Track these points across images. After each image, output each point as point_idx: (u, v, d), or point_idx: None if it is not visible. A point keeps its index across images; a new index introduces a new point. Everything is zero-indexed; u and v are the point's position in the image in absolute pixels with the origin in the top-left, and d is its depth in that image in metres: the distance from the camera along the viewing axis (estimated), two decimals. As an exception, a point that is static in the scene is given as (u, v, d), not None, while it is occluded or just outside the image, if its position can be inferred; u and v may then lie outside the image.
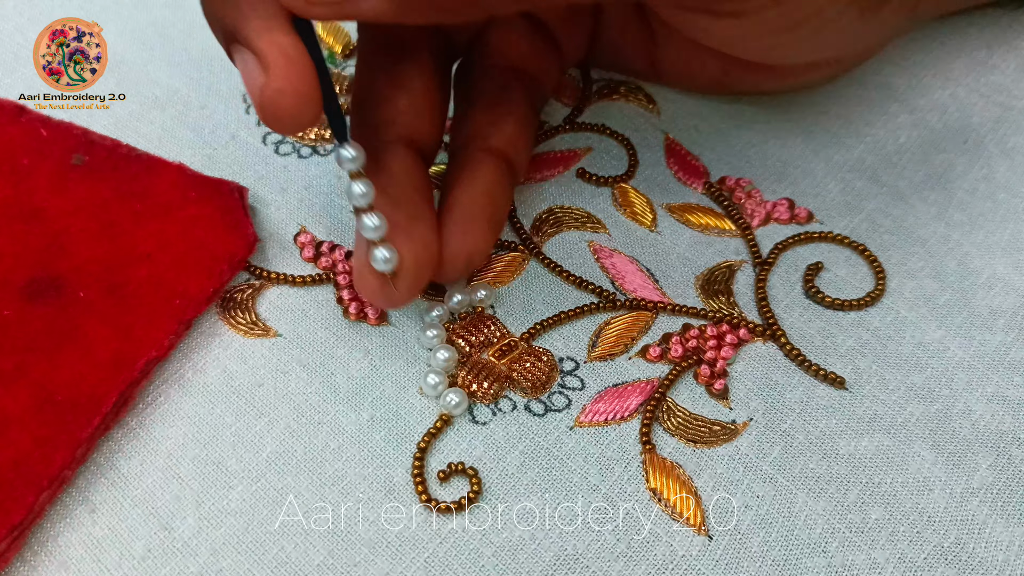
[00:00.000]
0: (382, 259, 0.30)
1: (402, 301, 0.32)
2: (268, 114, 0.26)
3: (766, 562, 0.29)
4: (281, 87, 0.26)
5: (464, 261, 0.33)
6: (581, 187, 0.39)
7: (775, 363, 0.34)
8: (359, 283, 0.32)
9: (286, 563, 0.29)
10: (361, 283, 0.32)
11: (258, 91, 0.26)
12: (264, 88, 0.26)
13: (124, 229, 0.35)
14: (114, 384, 0.31)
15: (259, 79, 0.26)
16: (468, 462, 0.31)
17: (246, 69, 0.27)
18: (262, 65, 0.26)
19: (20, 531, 0.29)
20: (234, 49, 0.28)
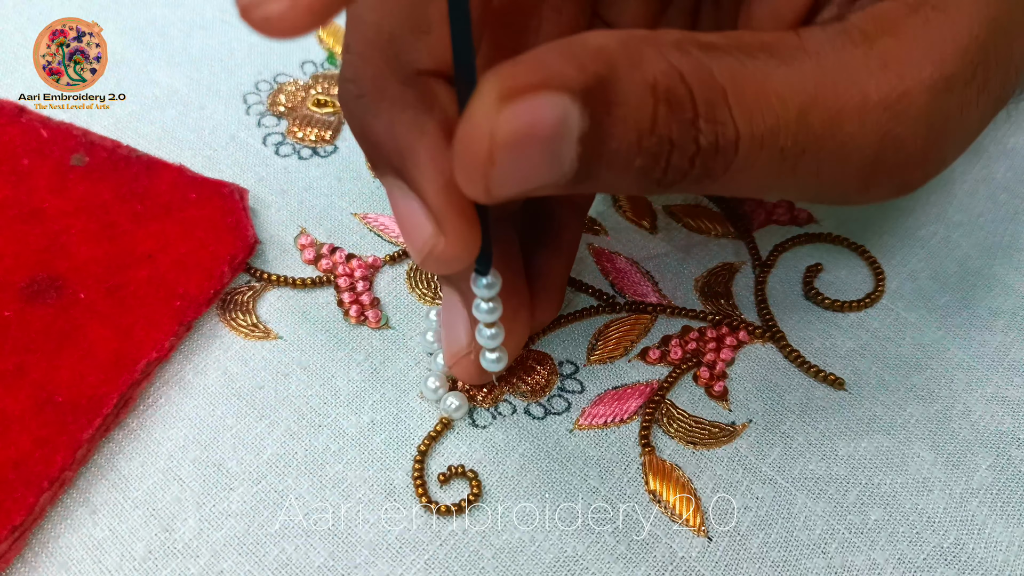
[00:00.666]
0: (494, 359, 0.31)
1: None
2: (428, 263, 0.26)
3: (766, 563, 0.29)
4: (457, 253, 0.25)
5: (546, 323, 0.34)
6: (581, 188, 0.39)
7: (774, 365, 0.34)
8: (459, 371, 0.32)
9: (287, 565, 0.29)
10: (461, 372, 0.32)
11: (424, 243, 0.25)
12: (436, 247, 0.25)
13: (124, 230, 0.35)
14: (115, 385, 0.31)
15: (427, 232, 0.25)
16: (468, 465, 0.31)
17: (408, 210, 0.25)
18: (436, 223, 0.25)
19: (21, 532, 0.29)
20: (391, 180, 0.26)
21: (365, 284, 0.35)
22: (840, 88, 0.25)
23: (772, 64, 0.25)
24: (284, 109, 0.41)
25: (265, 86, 0.42)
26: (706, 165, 0.25)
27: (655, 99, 0.23)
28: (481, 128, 0.21)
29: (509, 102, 0.21)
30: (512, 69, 0.21)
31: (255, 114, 0.41)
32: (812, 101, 0.25)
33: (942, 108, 0.27)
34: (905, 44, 0.26)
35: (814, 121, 0.25)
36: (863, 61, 0.26)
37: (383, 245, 0.37)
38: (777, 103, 0.25)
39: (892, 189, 0.29)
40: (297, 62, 0.43)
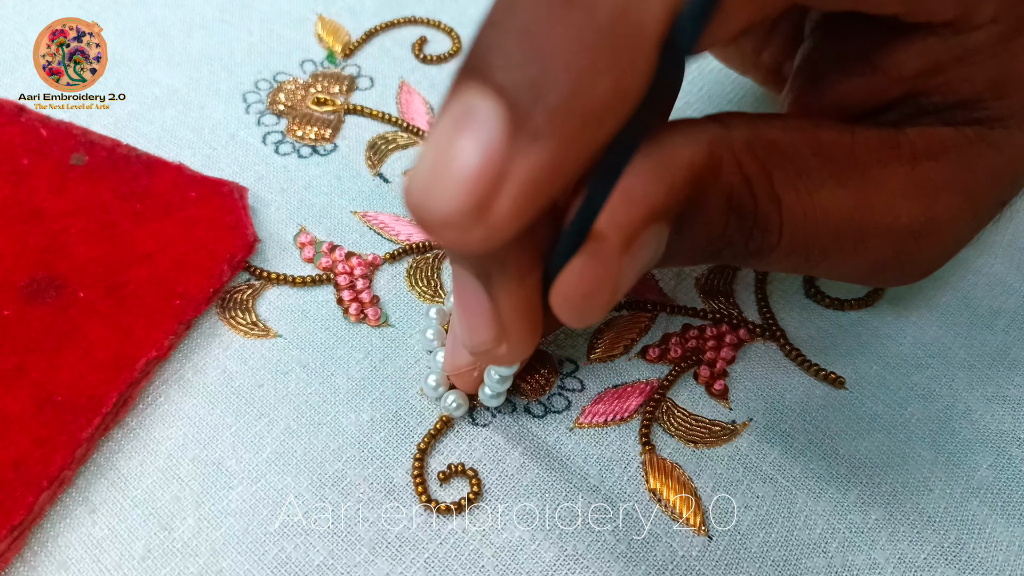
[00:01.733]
0: (491, 395, 0.31)
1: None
2: (480, 357, 0.26)
3: (766, 562, 0.29)
4: (514, 360, 0.26)
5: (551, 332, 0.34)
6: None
7: (775, 363, 0.34)
8: (458, 381, 0.32)
9: (286, 563, 0.29)
10: (461, 383, 0.32)
11: (483, 343, 0.25)
12: (494, 351, 0.26)
13: (124, 229, 0.35)
14: (114, 384, 0.31)
15: (488, 334, 0.25)
16: (468, 463, 0.31)
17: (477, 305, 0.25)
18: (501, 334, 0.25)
19: (20, 531, 0.29)
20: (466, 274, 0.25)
21: (365, 282, 0.35)
22: (876, 207, 0.26)
23: (824, 176, 0.26)
24: (284, 108, 0.41)
25: (265, 85, 0.42)
26: (744, 259, 0.27)
27: (729, 210, 0.25)
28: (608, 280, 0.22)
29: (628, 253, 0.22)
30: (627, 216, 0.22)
31: (255, 113, 0.41)
32: (849, 219, 0.26)
33: (962, 233, 0.28)
34: (947, 171, 0.27)
35: (845, 236, 0.27)
36: (903, 181, 0.27)
37: (383, 243, 0.37)
38: (820, 216, 0.26)
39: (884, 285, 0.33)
40: (297, 61, 0.43)
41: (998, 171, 0.27)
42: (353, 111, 0.41)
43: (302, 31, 0.45)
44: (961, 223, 0.28)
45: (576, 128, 0.17)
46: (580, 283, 0.22)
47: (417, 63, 0.44)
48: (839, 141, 0.26)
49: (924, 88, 0.27)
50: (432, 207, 0.18)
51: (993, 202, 0.28)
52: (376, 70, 0.43)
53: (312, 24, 0.45)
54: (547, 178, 0.18)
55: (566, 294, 0.22)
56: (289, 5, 0.46)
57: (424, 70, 0.43)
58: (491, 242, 0.18)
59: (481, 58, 0.17)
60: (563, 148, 0.17)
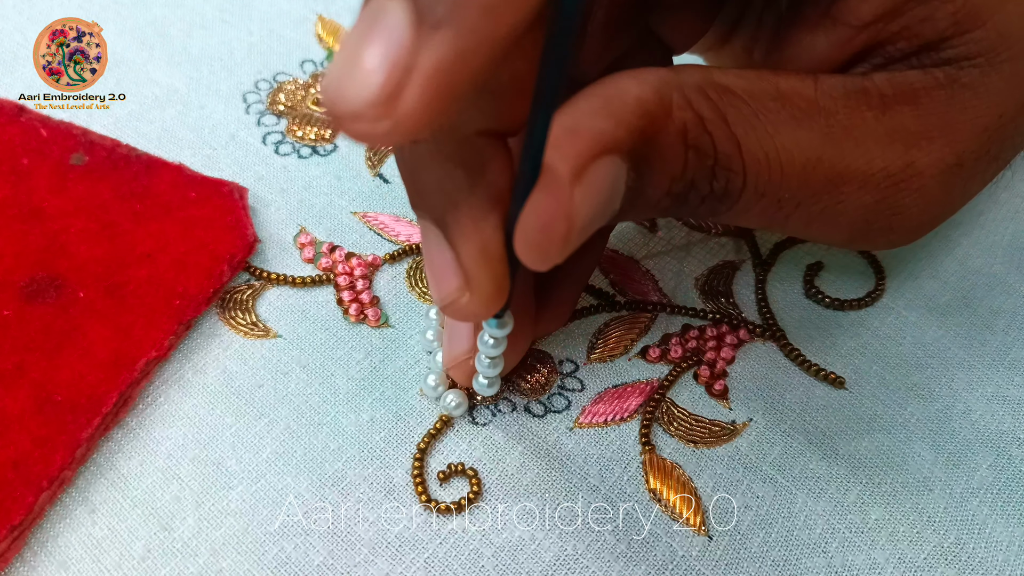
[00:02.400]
0: (485, 384, 0.31)
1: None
2: (450, 312, 0.26)
3: (766, 562, 0.29)
4: (479, 311, 0.25)
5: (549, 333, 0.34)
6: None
7: (775, 363, 0.34)
8: (457, 374, 0.32)
9: (286, 563, 0.29)
10: (460, 375, 0.32)
11: (448, 294, 0.25)
12: (459, 300, 0.25)
13: (124, 229, 0.35)
14: (114, 384, 0.31)
15: (454, 285, 0.25)
16: (468, 463, 0.31)
17: (440, 258, 0.25)
18: (464, 282, 0.25)
19: (20, 531, 0.29)
20: (428, 225, 0.26)
21: (365, 283, 0.35)
22: (845, 152, 0.26)
23: (783, 117, 0.26)
24: (284, 108, 0.41)
25: (265, 85, 0.42)
26: (712, 205, 0.26)
27: (686, 147, 0.25)
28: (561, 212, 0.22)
29: (580, 181, 0.22)
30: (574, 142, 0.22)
31: (255, 113, 0.41)
32: (816, 162, 0.26)
33: (948, 183, 0.27)
34: (921, 116, 0.26)
35: (814, 181, 0.26)
36: (873, 126, 0.26)
37: (383, 244, 0.37)
38: (784, 160, 0.25)
39: (877, 246, 0.31)
40: (297, 61, 0.43)
41: (977, 115, 0.27)
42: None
43: (302, 31, 0.45)
44: (946, 171, 0.27)
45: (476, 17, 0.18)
46: (535, 217, 0.22)
47: (417, 63, 0.43)
48: (800, 88, 0.26)
49: (887, 35, 0.27)
50: (342, 100, 0.18)
51: (980, 152, 0.28)
52: (376, 70, 0.43)
53: (312, 24, 0.45)
54: (452, 68, 0.18)
55: (523, 231, 0.22)
56: (289, 5, 0.46)
57: (424, 70, 0.43)
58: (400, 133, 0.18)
59: None
60: (465, 37, 0.18)
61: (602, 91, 0.24)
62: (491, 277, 0.25)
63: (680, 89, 0.25)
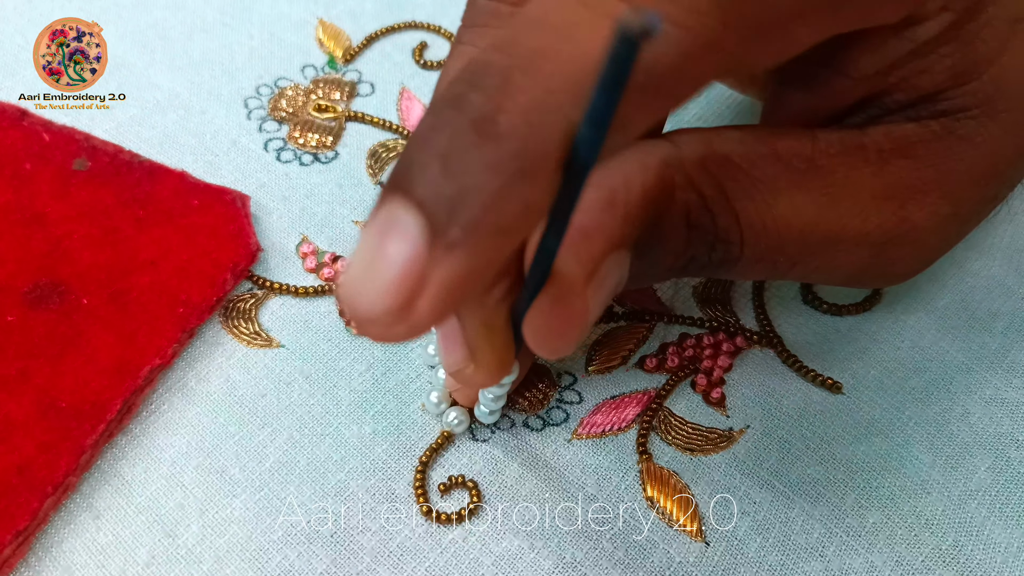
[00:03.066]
0: (487, 412, 0.31)
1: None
2: (458, 379, 0.27)
3: (763, 567, 0.30)
4: (485, 380, 0.26)
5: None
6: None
7: (772, 370, 0.34)
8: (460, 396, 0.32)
9: (289, 572, 0.29)
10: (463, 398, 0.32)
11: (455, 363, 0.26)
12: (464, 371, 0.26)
13: (126, 235, 0.36)
14: (118, 391, 0.32)
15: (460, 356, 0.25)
16: (468, 475, 0.31)
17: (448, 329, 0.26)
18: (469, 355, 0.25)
19: (25, 537, 0.29)
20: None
21: (366, 295, 0.35)
22: (842, 212, 0.26)
23: (781, 183, 0.26)
24: (285, 114, 0.41)
25: (266, 90, 0.42)
26: (710, 271, 0.27)
27: (688, 228, 0.25)
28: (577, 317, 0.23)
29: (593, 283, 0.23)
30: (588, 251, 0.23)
31: (256, 119, 0.41)
32: (813, 226, 0.26)
33: (943, 232, 0.28)
34: (918, 169, 0.27)
35: (811, 243, 0.27)
36: (870, 183, 0.26)
37: (384, 253, 0.37)
38: (781, 226, 0.26)
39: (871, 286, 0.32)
40: (298, 66, 0.43)
41: (974, 165, 0.27)
42: (354, 118, 0.41)
43: (303, 35, 0.45)
44: (941, 222, 0.27)
45: (488, 240, 0.19)
46: (549, 321, 0.23)
47: (417, 68, 0.44)
48: (798, 148, 0.26)
49: (885, 86, 0.27)
50: (361, 306, 0.19)
51: (976, 198, 0.28)
52: (377, 76, 0.43)
53: (313, 28, 0.45)
54: (463, 283, 0.19)
55: (536, 331, 0.23)
56: (290, 8, 0.46)
57: (424, 76, 0.43)
58: (412, 336, 0.20)
59: (405, 174, 0.19)
60: (476, 257, 0.19)
61: (609, 182, 0.24)
62: (494, 351, 0.25)
63: (682, 168, 0.25)
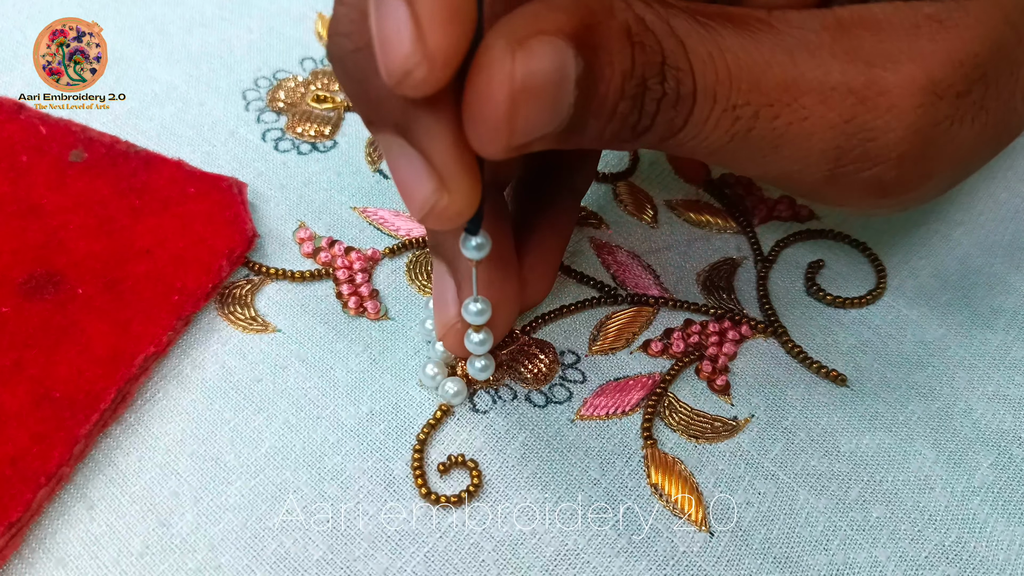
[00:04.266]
0: (478, 341, 0.31)
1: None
2: (428, 219, 0.25)
3: (767, 559, 0.29)
4: (459, 209, 0.25)
5: (536, 303, 0.34)
6: (581, 184, 0.39)
7: (777, 360, 0.34)
8: (449, 342, 0.32)
9: (285, 558, 0.29)
10: (452, 343, 0.32)
11: (426, 200, 0.25)
12: (438, 204, 0.25)
13: (122, 225, 0.35)
14: (112, 380, 0.31)
15: (428, 189, 0.25)
16: (468, 453, 0.31)
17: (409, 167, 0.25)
18: (439, 180, 0.24)
19: (18, 528, 0.29)
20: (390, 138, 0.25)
21: (364, 276, 0.35)
22: (798, 61, 0.25)
23: (729, 30, 0.25)
24: (283, 105, 0.41)
25: (264, 82, 0.42)
26: (669, 115, 0.25)
27: (631, 43, 0.24)
28: (500, 77, 0.22)
29: (520, 49, 0.22)
30: (512, 23, 0.22)
31: (254, 110, 0.41)
32: (764, 65, 0.25)
33: (925, 109, 0.26)
34: (883, 42, 0.26)
35: (766, 85, 0.25)
36: (828, 42, 0.25)
37: (382, 238, 0.37)
38: (730, 60, 0.25)
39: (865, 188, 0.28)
40: (296, 58, 0.43)
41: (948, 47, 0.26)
42: (352, 108, 0.41)
43: (302, 28, 0.45)
44: (918, 92, 0.26)
45: None
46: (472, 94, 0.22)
47: (416, 61, 0.44)
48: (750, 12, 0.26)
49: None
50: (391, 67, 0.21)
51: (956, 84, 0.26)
52: (376, 68, 0.43)
53: (312, 21, 0.45)
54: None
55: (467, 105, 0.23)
56: (289, 2, 0.46)
57: (424, 68, 0.43)
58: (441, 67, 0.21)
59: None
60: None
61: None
62: (465, 169, 0.24)
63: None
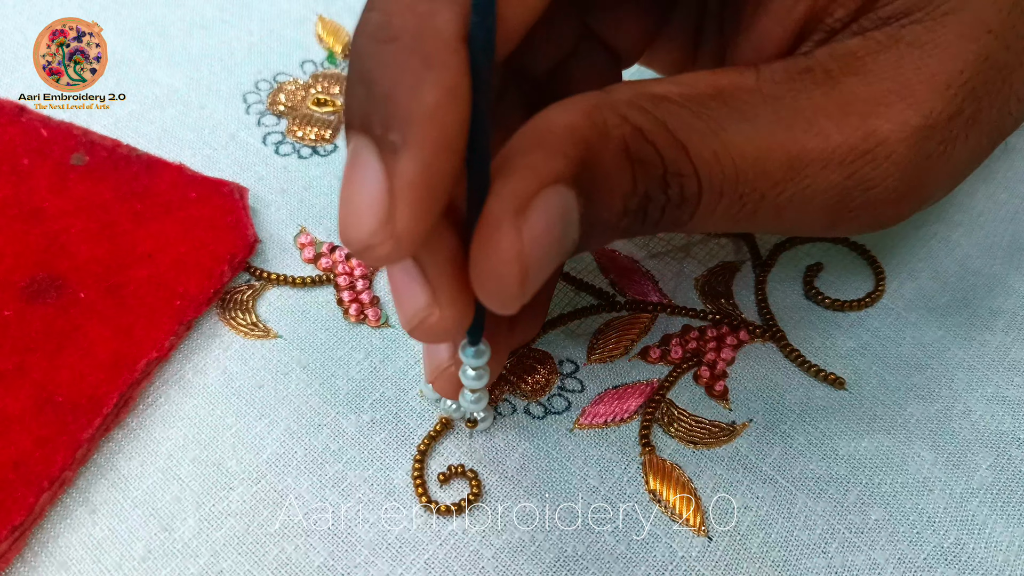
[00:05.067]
0: (472, 400, 0.30)
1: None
2: (419, 334, 0.25)
3: (766, 563, 0.29)
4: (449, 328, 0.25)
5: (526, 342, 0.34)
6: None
7: (775, 364, 0.34)
8: (440, 387, 0.31)
9: (286, 564, 0.29)
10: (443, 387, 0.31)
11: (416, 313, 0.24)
12: (430, 319, 0.24)
13: (124, 229, 0.35)
14: (115, 385, 0.31)
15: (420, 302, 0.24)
16: (468, 464, 0.31)
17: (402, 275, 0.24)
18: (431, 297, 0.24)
19: (21, 532, 0.29)
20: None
21: (365, 283, 0.35)
22: (798, 134, 0.25)
23: (725, 114, 0.25)
24: (284, 108, 0.41)
25: (265, 85, 0.42)
26: (674, 215, 0.26)
27: (630, 161, 0.24)
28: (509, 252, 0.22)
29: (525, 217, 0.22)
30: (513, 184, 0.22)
31: (255, 113, 0.41)
32: (768, 151, 0.25)
33: (921, 146, 0.26)
34: (871, 84, 0.26)
35: (771, 169, 0.25)
36: (822, 103, 0.25)
37: (383, 244, 0.37)
38: (735, 154, 0.25)
39: (863, 226, 0.28)
40: (297, 61, 0.43)
41: (934, 72, 0.26)
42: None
43: (302, 31, 0.45)
44: (914, 133, 0.26)
45: (424, 134, 0.20)
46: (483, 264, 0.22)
47: (417, 63, 0.43)
48: (740, 81, 0.26)
49: (821, 4, 0.26)
50: (353, 236, 0.21)
51: (949, 109, 0.26)
52: (376, 70, 0.43)
53: (312, 24, 0.45)
54: (424, 181, 0.20)
55: (476, 279, 0.22)
56: (289, 5, 0.46)
57: (424, 70, 0.43)
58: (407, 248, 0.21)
59: (345, 108, 0.21)
60: (423, 152, 0.20)
61: (531, 128, 0.23)
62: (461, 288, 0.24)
63: (613, 108, 0.24)
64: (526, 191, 0.22)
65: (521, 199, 0.22)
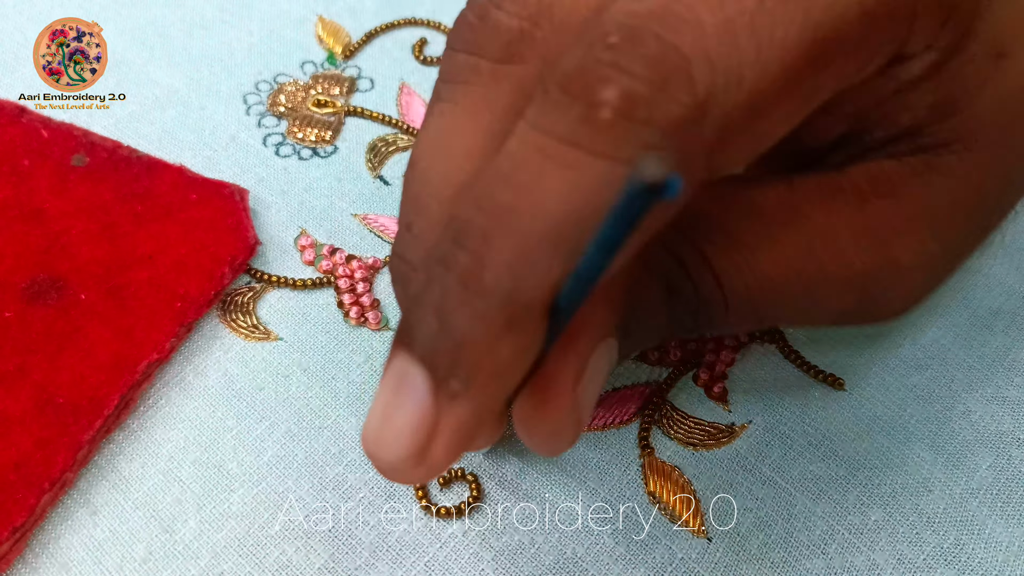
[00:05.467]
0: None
1: None
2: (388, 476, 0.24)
3: (765, 564, 0.29)
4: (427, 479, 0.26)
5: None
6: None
7: (774, 365, 0.34)
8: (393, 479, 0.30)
9: (287, 566, 0.29)
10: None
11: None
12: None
13: (125, 231, 0.35)
14: (115, 386, 0.31)
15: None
16: (468, 468, 0.31)
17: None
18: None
19: (22, 533, 0.29)
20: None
21: (365, 285, 0.35)
22: (824, 261, 0.26)
23: (757, 235, 0.26)
24: (284, 109, 0.41)
25: (265, 86, 0.42)
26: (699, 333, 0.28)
27: (669, 300, 0.25)
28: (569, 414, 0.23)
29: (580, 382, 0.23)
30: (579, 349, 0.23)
31: (255, 114, 0.41)
32: (795, 279, 0.26)
33: (931, 269, 0.27)
34: (900, 208, 0.26)
35: (793, 293, 0.26)
36: (850, 227, 0.26)
37: (383, 246, 0.37)
38: (762, 279, 0.26)
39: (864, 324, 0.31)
40: (297, 62, 0.43)
41: (958, 199, 0.26)
42: (353, 113, 0.41)
43: (302, 32, 0.45)
44: (929, 260, 0.26)
45: (486, 386, 0.20)
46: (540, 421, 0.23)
47: (417, 64, 0.44)
48: (776, 198, 0.26)
49: (866, 123, 0.26)
50: (382, 455, 0.21)
51: (964, 233, 0.27)
52: (376, 72, 0.43)
53: (312, 25, 0.45)
54: (470, 427, 0.21)
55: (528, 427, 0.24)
56: (289, 5, 0.46)
57: (424, 72, 0.43)
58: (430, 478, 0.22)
59: (408, 330, 0.21)
60: (478, 402, 0.21)
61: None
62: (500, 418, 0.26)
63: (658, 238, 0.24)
64: (586, 353, 0.23)
65: (582, 362, 0.23)
